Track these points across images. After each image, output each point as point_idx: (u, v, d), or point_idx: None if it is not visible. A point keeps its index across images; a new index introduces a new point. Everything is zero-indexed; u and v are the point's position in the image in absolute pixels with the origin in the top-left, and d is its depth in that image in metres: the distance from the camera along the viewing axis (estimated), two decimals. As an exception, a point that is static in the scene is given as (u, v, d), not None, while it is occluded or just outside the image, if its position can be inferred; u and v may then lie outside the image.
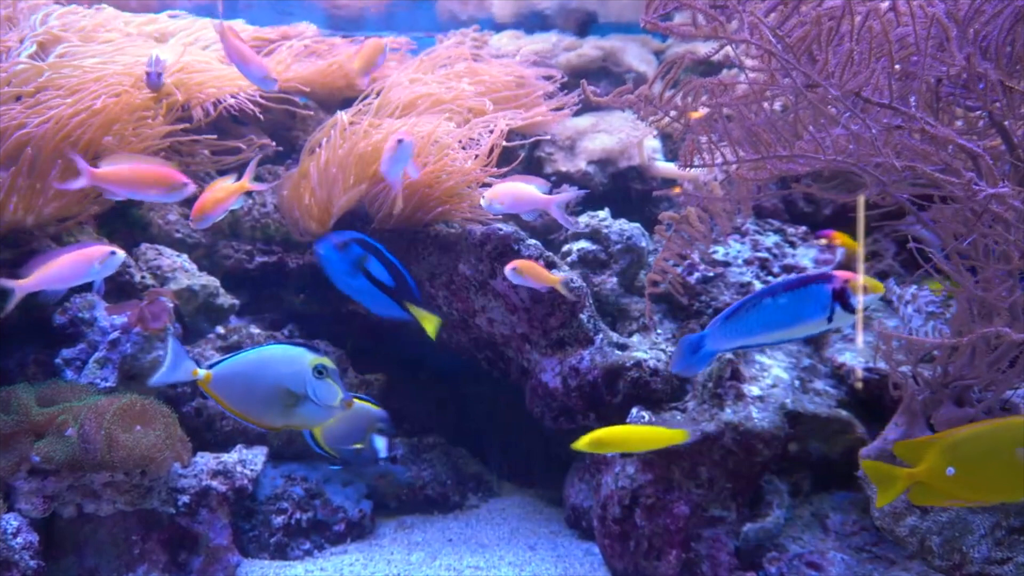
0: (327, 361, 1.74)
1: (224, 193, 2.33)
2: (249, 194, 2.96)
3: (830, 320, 1.71)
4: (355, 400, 2.20)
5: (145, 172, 2.21)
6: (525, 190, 2.46)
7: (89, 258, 2.16)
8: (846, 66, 1.66)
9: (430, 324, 2.37)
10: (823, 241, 2.71)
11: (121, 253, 2.21)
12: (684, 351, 1.88)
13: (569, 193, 2.53)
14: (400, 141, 2.31)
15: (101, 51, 2.62)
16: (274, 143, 2.89)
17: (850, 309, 1.68)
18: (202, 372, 1.74)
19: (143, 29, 2.88)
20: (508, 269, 2.40)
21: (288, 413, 1.73)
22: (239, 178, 2.36)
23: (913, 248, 1.87)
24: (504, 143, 2.78)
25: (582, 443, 2.06)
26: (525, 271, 2.39)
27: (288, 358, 1.74)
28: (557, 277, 2.46)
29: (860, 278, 1.68)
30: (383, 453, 2.39)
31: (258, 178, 2.99)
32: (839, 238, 2.67)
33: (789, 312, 1.73)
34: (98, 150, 2.48)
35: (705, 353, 1.85)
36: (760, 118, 1.88)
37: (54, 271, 2.14)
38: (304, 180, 2.80)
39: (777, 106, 1.93)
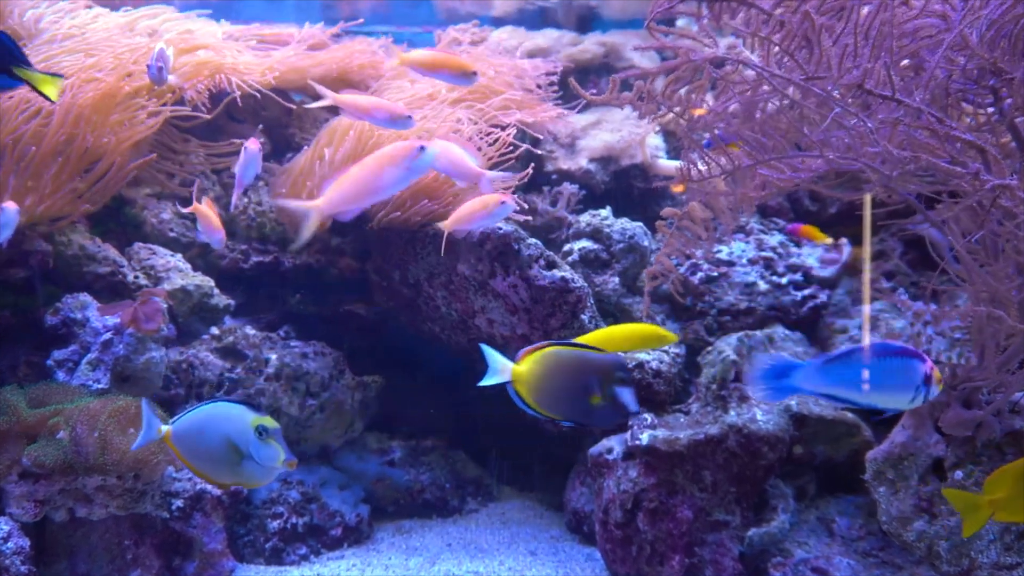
0: (269, 421, 1.70)
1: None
2: (245, 192, 2.95)
3: (912, 400, 1.67)
4: (571, 346, 1.94)
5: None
6: (459, 155, 2.29)
7: None
8: (843, 59, 1.62)
9: (49, 86, 1.95)
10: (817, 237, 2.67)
11: (11, 206, 2.11)
12: (766, 373, 1.74)
13: (503, 175, 2.42)
14: (422, 148, 2.06)
15: (91, 45, 2.58)
16: (262, 138, 2.85)
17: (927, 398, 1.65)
18: (164, 428, 1.73)
19: (137, 25, 2.84)
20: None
21: (234, 471, 1.71)
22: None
23: (929, 249, 1.84)
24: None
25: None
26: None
27: (230, 417, 1.71)
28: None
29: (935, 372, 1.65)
30: (633, 406, 1.93)
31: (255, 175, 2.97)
32: (807, 232, 2.64)
33: (882, 378, 1.67)
34: (92, 145, 2.45)
35: (789, 387, 1.72)
36: (759, 121, 1.85)
37: None
38: (301, 177, 2.76)
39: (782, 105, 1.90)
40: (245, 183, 2.42)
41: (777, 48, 1.72)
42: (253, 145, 2.37)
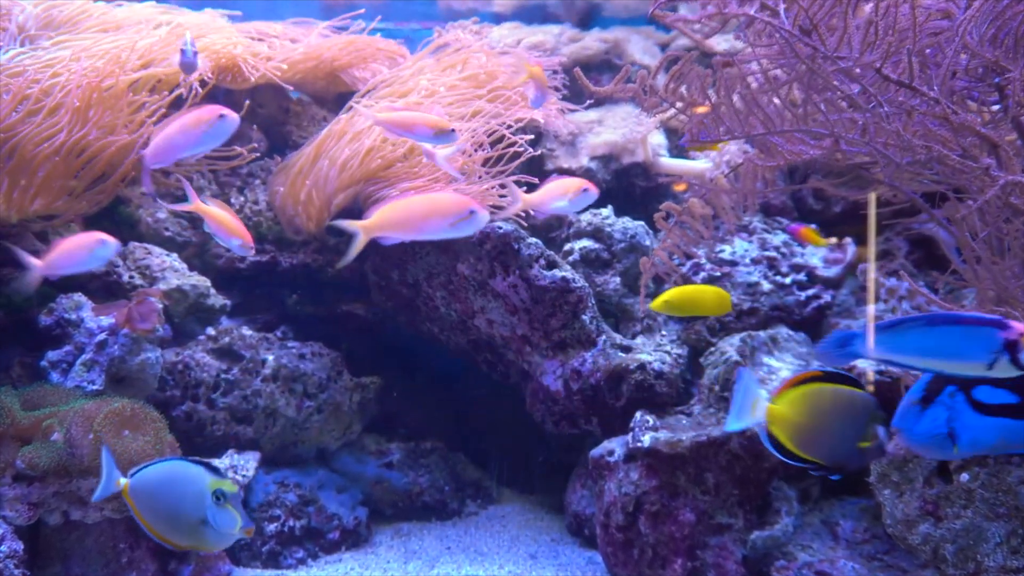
0: (228, 485, 1.68)
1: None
2: (241, 191, 2.92)
3: (990, 367, 1.58)
4: (833, 380, 1.78)
5: None
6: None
7: (82, 245, 2.12)
8: (866, 38, 1.60)
9: None
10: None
11: (111, 240, 2.13)
12: (833, 341, 1.73)
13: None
14: (472, 212, 2.06)
15: (84, 41, 2.56)
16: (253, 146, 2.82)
17: (1018, 365, 1.55)
18: (123, 481, 1.72)
19: (135, 19, 2.82)
20: None
21: (190, 534, 1.69)
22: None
23: (944, 249, 1.83)
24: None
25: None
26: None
27: (189, 478, 1.69)
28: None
29: None
30: (890, 448, 1.87)
31: (251, 174, 2.94)
32: (806, 234, 2.61)
33: (951, 345, 1.61)
34: (85, 144, 2.42)
35: (851, 352, 1.69)
36: (772, 103, 1.82)
37: (59, 256, 2.12)
38: (300, 177, 2.74)
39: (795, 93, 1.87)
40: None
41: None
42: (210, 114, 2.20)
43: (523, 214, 2.65)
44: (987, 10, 1.61)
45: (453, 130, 2.25)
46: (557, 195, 2.29)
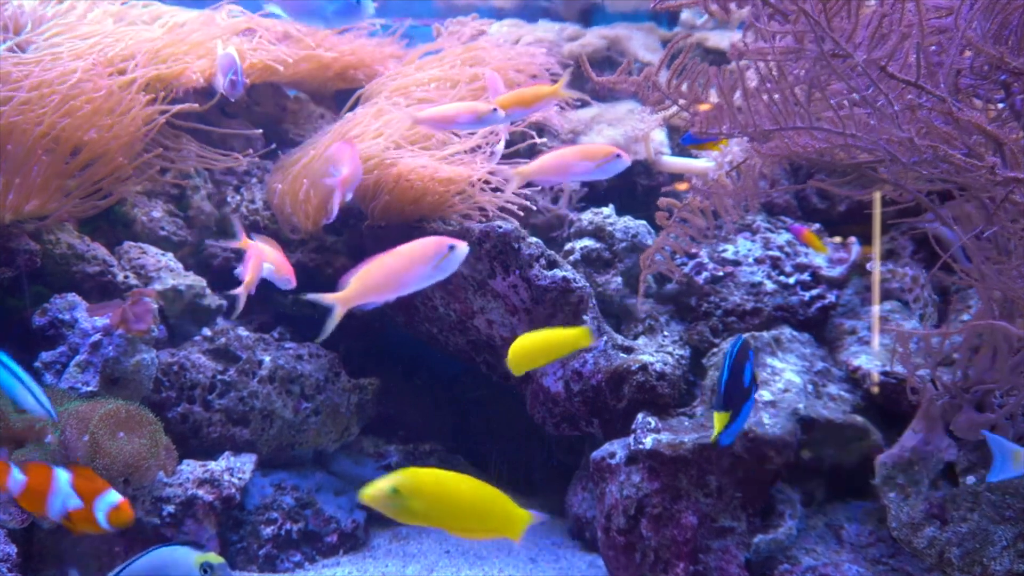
0: (214, 558, 1.67)
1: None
2: (237, 189, 2.90)
3: None
4: None
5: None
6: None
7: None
8: (876, 33, 1.58)
9: None
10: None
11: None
12: None
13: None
14: (452, 247, 1.95)
15: (80, 37, 2.54)
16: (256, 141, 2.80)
17: None
18: None
19: (128, 14, 2.79)
20: None
21: None
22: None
23: (933, 244, 1.80)
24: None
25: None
26: None
27: (176, 561, 1.68)
28: None
29: None
30: None
31: (247, 172, 2.92)
32: (808, 237, 2.58)
33: None
34: (80, 143, 2.39)
35: None
36: (781, 93, 1.79)
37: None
38: (300, 176, 2.71)
39: (797, 90, 1.84)
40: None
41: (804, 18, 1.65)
42: None
43: (522, 214, 2.63)
44: (986, 5, 1.58)
45: (496, 108, 2.16)
46: (577, 159, 2.13)
